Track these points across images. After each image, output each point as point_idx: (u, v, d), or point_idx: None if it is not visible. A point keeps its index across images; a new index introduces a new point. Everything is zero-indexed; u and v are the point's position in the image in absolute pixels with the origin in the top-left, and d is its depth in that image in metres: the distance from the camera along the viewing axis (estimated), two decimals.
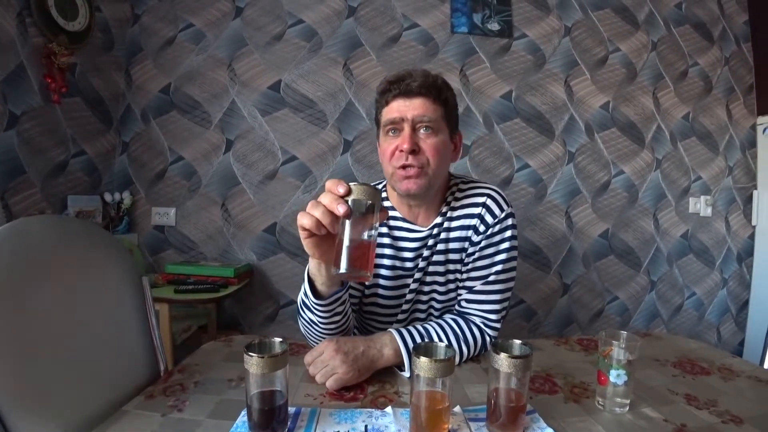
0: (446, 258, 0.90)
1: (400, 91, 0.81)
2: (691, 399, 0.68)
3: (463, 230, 0.89)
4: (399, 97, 0.81)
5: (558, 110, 2.17)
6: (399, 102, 0.81)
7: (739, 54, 2.31)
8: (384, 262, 0.91)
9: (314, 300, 0.73)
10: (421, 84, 0.80)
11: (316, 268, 0.70)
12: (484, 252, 0.87)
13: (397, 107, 0.81)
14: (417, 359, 0.52)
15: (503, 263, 0.87)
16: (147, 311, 0.84)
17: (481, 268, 0.87)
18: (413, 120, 0.80)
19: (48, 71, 1.59)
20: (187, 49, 2.03)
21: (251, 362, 0.53)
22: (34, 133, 1.58)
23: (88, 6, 1.73)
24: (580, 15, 2.19)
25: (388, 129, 0.83)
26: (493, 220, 0.87)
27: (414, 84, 0.80)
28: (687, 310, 2.31)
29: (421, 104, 0.80)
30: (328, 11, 2.06)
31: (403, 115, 0.81)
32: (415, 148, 0.79)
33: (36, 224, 0.70)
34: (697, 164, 2.28)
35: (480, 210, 0.88)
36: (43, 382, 0.58)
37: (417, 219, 0.91)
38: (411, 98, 0.81)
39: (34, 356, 0.58)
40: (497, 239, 0.87)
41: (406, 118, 0.80)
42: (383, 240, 0.91)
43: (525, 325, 2.17)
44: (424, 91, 0.80)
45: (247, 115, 2.04)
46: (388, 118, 0.82)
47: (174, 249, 2.05)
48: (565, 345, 0.95)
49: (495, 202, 0.88)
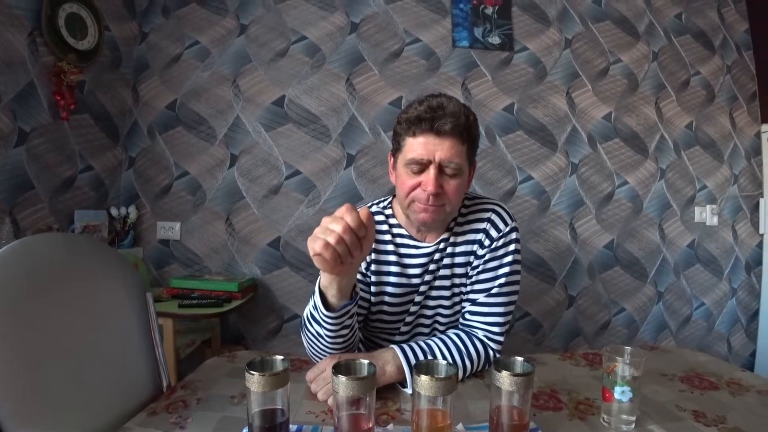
0: (452, 272, 0.91)
1: (432, 128, 0.78)
2: (698, 415, 0.67)
3: (469, 245, 0.90)
4: (428, 133, 0.78)
5: (560, 122, 2.17)
6: (428, 139, 0.79)
7: (741, 62, 2.32)
8: (390, 279, 0.91)
9: (324, 312, 0.72)
10: (453, 126, 0.78)
11: (328, 281, 0.70)
12: (487, 265, 0.88)
13: (424, 145, 0.79)
14: (418, 377, 0.52)
15: (506, 276, 0.88)
16: (150, 327, 0.85)
17: (484, 281, 0.88)
18: (440, 162, 0.79)
19: (57, 89, 1.62)
20: (193, 66, 2.07)
21: (252, 380, 0.53)
22: (43, 149, 1.60)
23: (98, 25, 1.78)
24: (580, 27, 2.21)
25: (411, 166, 0.81)
26: (497, 234, 0.89)
27: (446, 127, 0.77)
28: (696, 321, 2.28)
29: (450, 147, 0.78)
30: (330, 27, 2.09)
31: (430, 156, 0.79)
32: (439, 191, 0.79)
33: (42, 242, 0.71)
34: (701, 173, 2.27)
35: (485, 225, 0.90)
36: (47, 397, 0.58)
37: (424, 238, 0.92)
38: (441, 138, 0.78)
39: (38, 372, 0.58)
40: (501, 253, 0.88)
41: (433, 160, 0.79)
42: (389, 258, 0.92)
43: (531, 338, 2.15)
44: (456, 132, 0.78)
45: (251, 130, 2.07)
46: (414, 157, 0.80)
47: (179, 263, 2.06)
48: (570, 359, 0.94)
49: (499, 217, 0.90)
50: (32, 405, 0.56)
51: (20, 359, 0.56)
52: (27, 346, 0.58)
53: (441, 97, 0.82)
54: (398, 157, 0.86)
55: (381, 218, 0.94)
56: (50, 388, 0.59)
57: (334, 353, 0.79)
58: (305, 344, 0.83)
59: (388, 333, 0.97)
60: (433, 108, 0.79)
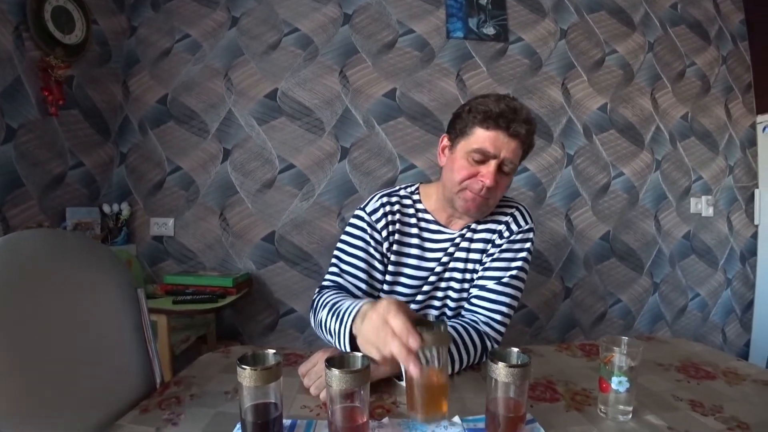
0: (467, 257, 0.95)
1: (508, 128, 0.82)
2: (695, 405, 0.67)
3: (488, 233, 0.95)
4: (503, 131, 0.82)
5: (555, 113, 2.16)
6: (499, 135, 0.82)
7: (737, 53, 2.31)
8: (409, 261, 0.95)
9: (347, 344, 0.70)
10: (526, 132, 0.83)
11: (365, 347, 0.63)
12: (503, 255, 0.93)
13: (494, 140, 0.83)
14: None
15: (518, 270, 0.92)
16: (143, 324, 0.83)
17: (496, 269, 0.92)
18: (503, 160, 0.83)
19: (45, 84, 1.59)
20: (184, 59, 2.04)
21: (244, 375, 0.52)
22: (32, 145, 1.58)
23: (85, 19, 1.74)
24: (575, 18, 2.19)
25: (474, 155, 0.84)
26: (517, 228, 0.94)
27: (521, 130, 0.82)
28: (691, 311, 2.29)
29: (515, 148, 0.84)
30: (323, 19, 2.06)
31: (497, 152, 0.83)
32: (494, 185, 0.84)
33: (29, 238, 0.70)
34: (697, 164, 2.27)
35: (507, 218, 0.95)
36: (37, 396, 0.57)
37: (449, 224, 0.96)
38: (511, 138, 0.83)
39: (28, 370, 0.57)
40: (518, 246, 0.93)
41: (498, 156, 0.83)
42: (412, 240, 0.96)
43: (527, 330, 2.15)
44: (524, 138, 0.84)
45: (244, 124, 2.04)
46: (482, 148, 0.83)
47: (173, 259, 2.05)
48: (567, 351, 0.93)
49: (521, 215, 0.97)
50: (23, 404, 0.55)
51: (10, 358, 0.55)
52: (15, 345, 0.56)
53: (516, 101, 0.86)
54: (460, 143, 0.88)
55: (408, 202, 0.98)
56: (42, 386, 0.58)
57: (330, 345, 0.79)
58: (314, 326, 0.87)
59: None
60: (512, 109, 0.83)
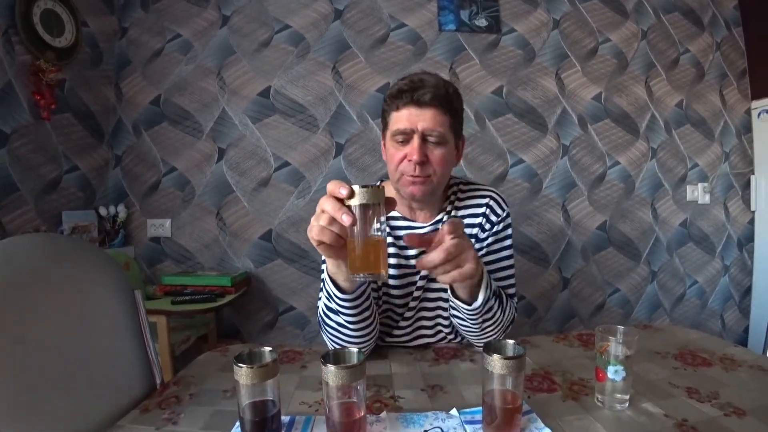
0: None
1: (412, 100, 0.81)
2: (692, 392, 0.67)
3: (468, 228, 0.93)
4: (410, 105, 0.82)
5: (550, 104, 2.16)
6: (410, 110, 0.82)
7: (731, 39, 2.31)
8: (389, 261, 0.93)
9: (341, 296, 0.72)
10: (433, 96, 0.81)
11: (335, 267, 0.69)
12: (492, 248, 0.94)
13: (407, 116, 0.82)
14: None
15: (508, 258, 0.96)
16: (141, 325, 0.83)
17: (490, 263, 0.93)
18: (423, 132, 0.81)
19: (36, 88, 1.58)
20: (176, 59, 2.03)
21: (241, 373, 0.53)
22: (26, 150, 1.57)
23: (75, 21, 1.73)
24: (568, 7, 2.18)
25: (396, 137, 0.84)
26: (497, 218, 0.94)
27: (426, 96, 0.80)
28: (689, 299, 2.30)
29: (432, 116, 0.81)
30: (314, 15, 2.05)
31: (413, 126, 0.81)
32: (424, 159, 0.82)
33: (25, 243, 0.70)
34: (693, 152, 2.27)
35: (484, 209, 0.94)
36: (37, 399, 0.57)
37: (417, 218, 0.95)
38: (422, 108, 0.81)
39: (27, 373, 0.57)
40: (502, 236, 0.95)
41: (416, 129, 0.81)
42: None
43: (526, 321, 2.16)
44: (436, 102, 0.81)
45: (238, 123, 2.04)
46: (398, 128, 0.83)
47: (171, 260, 2.05)
48: (564, 341, 0.94)
49: (497, 203, 0.96)
50: (20, 406, 0.55)
51: (6, 360, 0.55)
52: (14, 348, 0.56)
53: (422, 73, 0.85)
54: (386, 134, 0.89)
55: None
56: (42, 389, 0.58)
57: (363, 343, 0.79)
58: (328, 343, 0.84)
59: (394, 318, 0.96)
60: (414, 82, 0.82)
